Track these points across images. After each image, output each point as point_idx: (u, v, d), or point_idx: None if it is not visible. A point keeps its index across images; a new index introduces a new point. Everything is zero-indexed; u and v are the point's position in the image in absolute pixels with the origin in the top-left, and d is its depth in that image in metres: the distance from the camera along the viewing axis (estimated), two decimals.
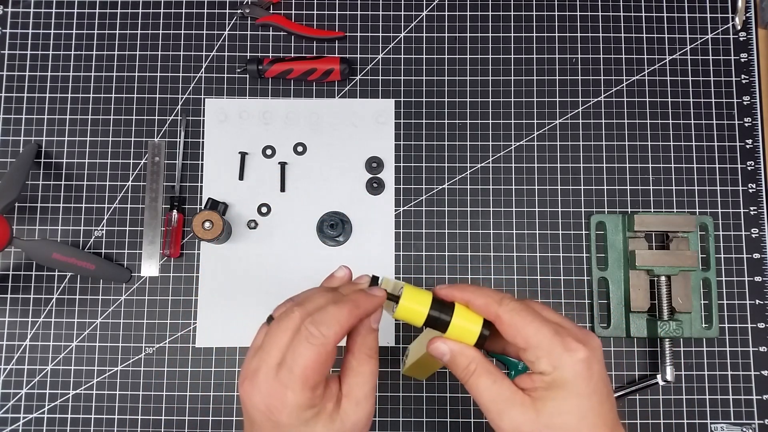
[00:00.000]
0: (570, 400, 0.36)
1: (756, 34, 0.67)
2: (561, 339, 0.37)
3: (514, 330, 0.38)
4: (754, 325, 0.62)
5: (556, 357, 0.37)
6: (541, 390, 0.37)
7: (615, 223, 0.63)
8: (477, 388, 0.39)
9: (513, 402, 0.37)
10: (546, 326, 0.38)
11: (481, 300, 0.40)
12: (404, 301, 0.40)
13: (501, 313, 0.39)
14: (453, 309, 0.40)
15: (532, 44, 0.67)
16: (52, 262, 0.60)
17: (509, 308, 0.39)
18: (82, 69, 0.67)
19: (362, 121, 0.66)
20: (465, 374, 0.39)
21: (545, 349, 0.37)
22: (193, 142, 0.66)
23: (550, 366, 0.37)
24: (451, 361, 0.40)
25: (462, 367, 0.39)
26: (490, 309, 0.39)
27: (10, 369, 0.62)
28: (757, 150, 0.65)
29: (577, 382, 0.36)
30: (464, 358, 0.39)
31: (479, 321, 0.40)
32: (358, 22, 0.67)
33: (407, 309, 0.40)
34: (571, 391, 0.36)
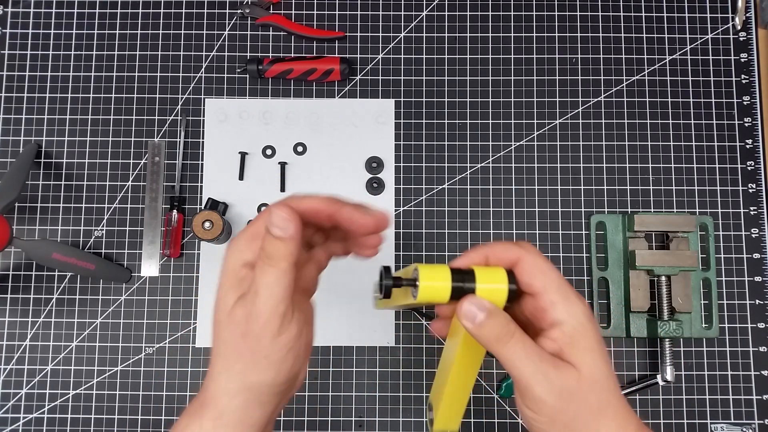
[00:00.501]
0: (597, 348, 0.35)
1: (756, 34, 0.67)
2: (573, 290, 0.36)
3: (536, 272, 0.36)
4: (754, 325, 0.62)
5: (571, 304, 0.36)
6: (567, 347, 0.35)
7: (615, 223, 0.63)
8: (522, 350, 0.35)
9: (557, 364, 0.35)
10: (561, 276, 0.37)
11: (499, 248, 0.38)
12: (423, 280, 0.37)
13: (524, 255, 0.37)
14: (474, 274, 0.37)
15: (532, 44, 0.67)
16: (52, 262, 0.60)
17: (531, 250, 0.37)
18: (82, 69, 0.67)
19: (362, 121, 0.66)
20: (504, 334, 0.35)
21: (562, 294, 0.36)
22: (193, 142, 0.66)
23: (566, 312, 0.35)
24: (487, 322, 0.35)
25: (501, 326, 0.35)
26: (512, 252, 0.37)
27: (10, 369, 0.62)
28: (757, 150, 0.65)
29: (592, 329, 0.36)
30: (503, 318, 0.36)
31: (504, 277, 0.37)
32: (358, 22, 0.67)
33: (428, 288, 0.37)
34: (593, 339, 0.35)
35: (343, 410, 0.61)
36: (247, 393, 0.36)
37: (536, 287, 0.36)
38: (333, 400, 0.61)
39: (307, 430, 0.61)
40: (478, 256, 0.38)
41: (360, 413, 0.61)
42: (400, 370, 0.62)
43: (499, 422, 0.61)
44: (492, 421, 0.61)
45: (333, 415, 0.61)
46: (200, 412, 0.36)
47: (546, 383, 0.34)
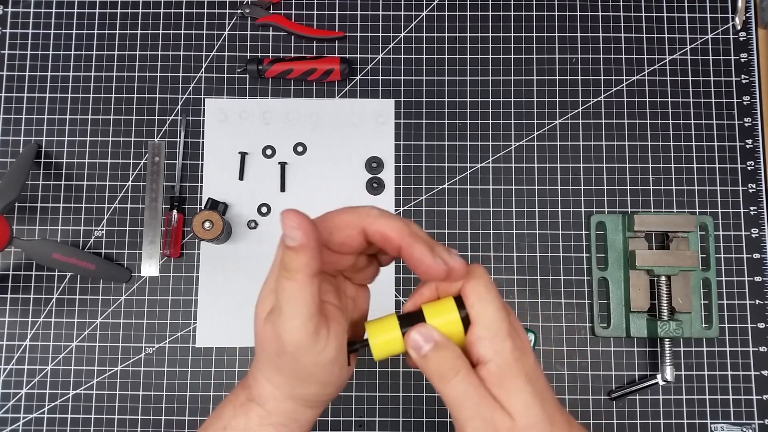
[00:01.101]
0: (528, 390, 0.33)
1: (756, 34, 0.67)
2: (508, 326, 0.34)
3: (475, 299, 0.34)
4: (754, 325, 0.62)
5: (498, 341, 0.33)
6: (497, 390, 0.33)
7: (615, 223, 0.63)
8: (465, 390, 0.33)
9: (495, 407, 0.33)
10: (503, 310, 0.34)
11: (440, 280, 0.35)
12: (372, 338, 0.35)
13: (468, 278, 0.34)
14: (422, 313, 0.35)
15: (532, 44, 0.67)
16: (52, 262, 0.60)
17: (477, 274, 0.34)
18: (82, 69, 0.67)
19: (362, 121, 0.66)
20: (449, 370, 0.33)
21: (493, 330, 0.33)
22: (193, 142, 0.66)
23: (492, 350, 0.33)
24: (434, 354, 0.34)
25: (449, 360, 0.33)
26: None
27: (10, 369, 0.62)
28: (757, 150, 0.65)
29: (520, 368, 0.33)
30: (451, 352, 0.34)
31: (452, 307, 0.35)
32: (358, 22, 0.67)
33: (380, 345, 0.35)
34: (518, 378, 0.33)
35: (343, 410, 0.61)
36: (295, 400, 0.35)
37: (472, 317, 0.34)
38: (333, 400, 0.61)
39: None
40: (427, 290, 0.36)
41: (360, 413, 0.61)
42: (400, 370, 0.62)
43: None
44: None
45: (333, 415, 0.61)
46: (246, 406, 0.36)
47: (482, 429, 0.33)
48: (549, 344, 0.62)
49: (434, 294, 0.36)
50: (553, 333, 0.62)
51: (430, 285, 0.36)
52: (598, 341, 0.62)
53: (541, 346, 0.62)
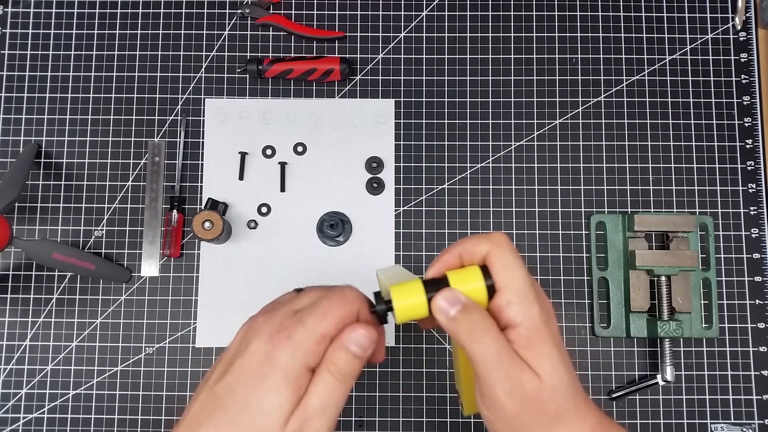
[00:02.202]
0: (555, 353, 0.35)
1: (756, 34, 0.67)
2: (535, 291, 0.35)
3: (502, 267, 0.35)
4: (754, 325, 0.62)
5: (527, 306, 0.34)
6: (523, 350, 0.34)
7: (615, 223, 0.63)
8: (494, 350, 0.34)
9: (522, 367, 0.34)
10: (529, 277, 0.35)
11: (468, 244, 0.36)
12: (396, 301, 0.35)
13: (493, 248, 0.35)
14: (447, 280, 0.36)
15: (532, 44, 0.67)
16: (52, 262, 0.60)
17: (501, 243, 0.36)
18: (82, 69, 0.67)
19: (362, 121, 0.66)
20: (479, 330, 0.34)
21: (521, 295, 0.35)
22: (193, 142, 0.66)
23: (521, 314, 0.34)
24: (462, 316, 0.34)
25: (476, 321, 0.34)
26: (481, 247, 0.36)
27: (10, 369, 0.62)
28: (757, 150, 0.65)
29: (548, 332, 0.35)
30: (479, 312, 0.35)
31: (478, 275, 0.36)
32: (358, 22, 0.67)
33: (404, 308, 0.35)
34: (547, 342, 0.35)
35: (344, 410, 0.61)
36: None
37: (499, 283, 0.35)
38: None
39: None
40: (451, 257, 0.37)
41: (360, 413, 0.61)
42: (400, 370, 0.62)
43: None
44: None
45: None
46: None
47: (510, 389, 0.34)
48: None
49: (458, 261, 0.37)
50: None
51: (454, 252, 0.37)
52: (598, 341, 0.62)
53: None
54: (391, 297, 0.36)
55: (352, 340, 0.34)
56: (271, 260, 0.64)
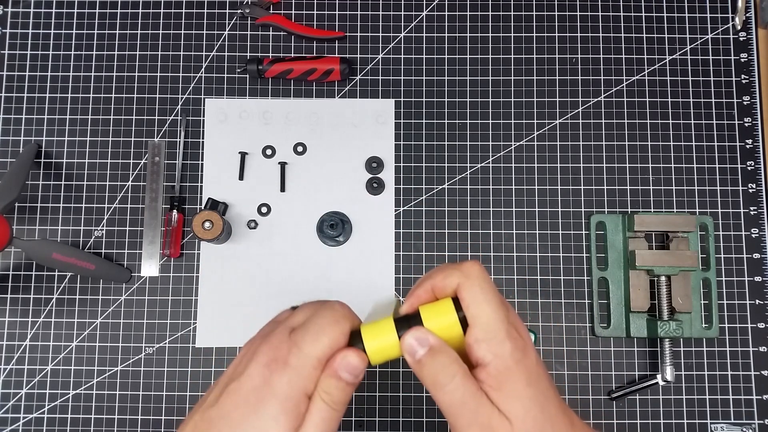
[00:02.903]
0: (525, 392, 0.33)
1: (756, 34, 0.67)
2: (506, 326, 0.33)
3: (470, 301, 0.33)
4: (754, 325, 0.62)
5: (496, 343, 0.33)
6: (491, 390, 0.33)
7: (615, 223, 0.63)
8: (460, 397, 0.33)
9: (492, 413, 0.33)
10: (500, 309, 0.33)
11: (439, 277, 0.35)
12: (367, 342, 0.34)
13: (463, 280, 0.34)
14: (419, 315, 0.34)
15: (532, 44, 0.67)
16: (52, 262, 0.60)
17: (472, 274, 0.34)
18: (82, 69, 0.67)
19: (362, 121, 0.66)
20: (446, 376, 0.33)
21: (491, 332, 0.33)
22: (193, 142, 0.66)
23: (490, 353, 0.33)
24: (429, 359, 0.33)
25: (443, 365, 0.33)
26: (452, 278, 0.34)
27: (10, 369, 0.62)
28: (757, 150, 0.65)
29: (520, 371, 0.33)
30: (446, 356, 0.33)
31: (450, 308, 0.34)
32: (358, 22, 0.67)
33: (377, 349, 0.34)
34: (518, 382, 0.33)
35: None
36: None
37: (468, 319, 0.33)
38: None
39: None
40: (423, 291, 0.35)
41: (360, 413, 0.61)
42: (400, 370, 0.62)
43: None
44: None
45: None
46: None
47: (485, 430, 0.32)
48: (549, 344, 0.62)
49: (431, 296, 0.36)
50: (553, 333, 0.62)
51: (425, 285, 0.35)
52: (598, 341, 0.62)
53: (541, 346, 0.62)
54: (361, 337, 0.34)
55: (344, 368, 0.33)
56: (271, 260, 0.64)
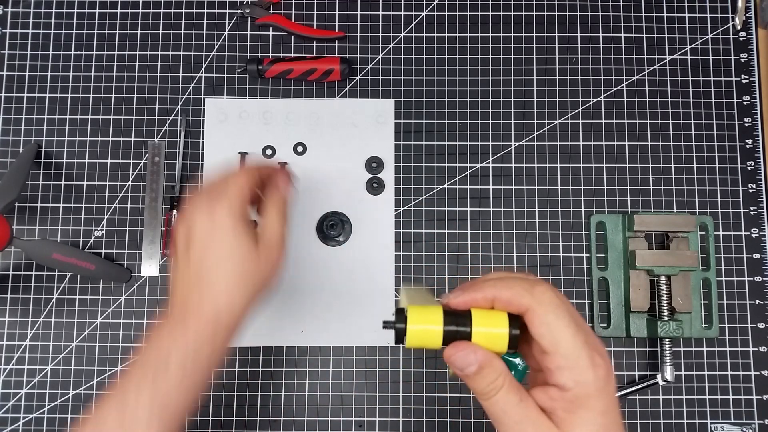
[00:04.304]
0: (596, 421, 0.33)
1: (756, 34, 0.67)
2: (588, 352, 0.33)
3: (545, 329, 0.33)
4: (754, 325, 0.62)
5: (579, 372, 0.32)
6: (562, 411, 0.33)
7: (615, 223, 0.63)
8: (503, 408, 0.33)
9: (540, 426, 0.33)
10: (579, 334, 0.33)
11: (506, 293, 0.34)
12: (411, 324, 0.34)
13: (535, 306, 0.33)
14: (470, 317, 0.34)
15: (532, 44, 0.67)
16: (52, 262, 0.60)
17: (544, 301, 0.33)
18: (82, 69, 0.67)
19: (362, 121, 0.66)
20: (491, 389, 0.34)
21: (572, 359, 0.32)
22: (193, 142, 0.66)
23: (572, 380, 0.33)
24: (475, 375, 0.34)
25: (489, 381, 0.34)
26: (522, 300, 0.34)
27: (10, 369, 0.62)
28: (757, 150, 0.65)
29: (600, 399, 0.33)
30: (492, 372, 0.34)
31: (504, 321, 0.34)
32: (358, 22, 0.67)
33: (417, 333, 0.34)
34: (595, 410, 0.33)
35: (343, 410, 0.61)
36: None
37: (544, 346, 0.33)
38: (333, 400, 0.61)
39: (307, 430, 0.61)
40: (483, 298, 0.35)
41: (360, 413, 0.61)
42: (400, 370, 0.62)
43: None
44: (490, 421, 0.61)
45: (333, 415, 0.61)
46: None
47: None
48: None
49: (488, 304, 0.35)
50: None
51: (487, 293, 0.35)
52: None
53: None
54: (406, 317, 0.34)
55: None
56: None
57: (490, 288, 0.35)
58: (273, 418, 0.61)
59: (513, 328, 0.34)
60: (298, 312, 0.63)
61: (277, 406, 0.61)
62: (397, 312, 0.35)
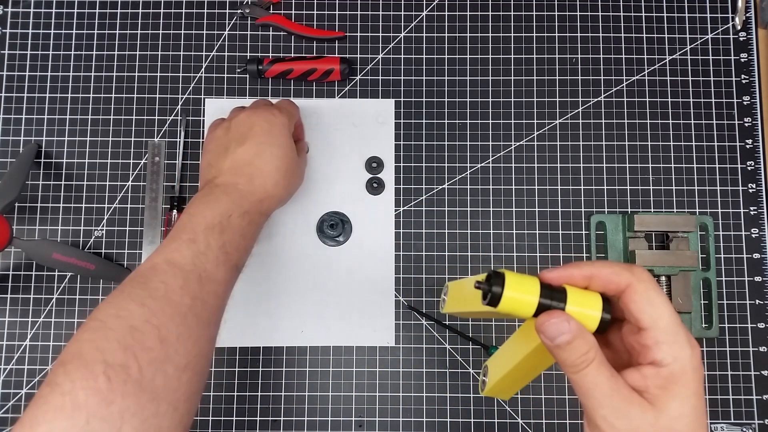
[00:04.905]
0: (690, 400, 0.33)
1: (756, 34, 0.67)
2: (685, 331, 0.33)
3: (646, 304, 0.33)
4: (754, 325, 0.62)
5: (678, 347, 0.32)
6: (657, 389, 0.33)
7: (615, 223, 0.63)
8: (594, 380, 0.33)
9: (631, 400, 0.33)
10: (676, 314, 0.33)
11: (606, 270, 0.34)
12: (509, 291, 0.34)
13: (635, 283, 0.33)
14: (565, 294, 0.34)
15: (532, 44, 0.67)
16: (52, 262, 0.60)
17: (644, 278, 0.34)
18: (82, 69, 0.67)
19: (362, 121, 0.66)
20: (582, 362, 0.33)
21: (671, 335, 0.33)
22: (193, 142, 0.66)
23: (670, 356, 0.32)
24: (567, 346, 0.33)
25: (581, 353, 0.33)
26: (621, 277, 0.34)
27: (10, 369, 0.62)
28: (757, 150, 0.65)
29: (694, 379, 0.33)
30: (584, 344, 0.33)
31: (598, 304, 0.34)
32: (358, 22, 0.67)
33: (512, 300, 0.34)
34: (689, 389, 0.33)
35: (343, 410, 0.61)
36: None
37: (644, 321, 0.33)
38: (333, 400, 0.61)
39: (307, 430, 0.61)
40: (579, 275, 0.35)
41: (360, 413, 0.61)
42: (400, 370, 0.62)
43: (499, 422, 0.61)
44: (492, 421, 0.61)
45: (333, 415, 0.61)
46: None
47: (611, 417, 0.33)
48: None
49: (584, 282, 0.35)
50: None
51: (584, 271, 0.35)
52: None
53: None
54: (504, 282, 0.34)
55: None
56: (271, 260, 0.64)
57: (588, 266, 0.35)
58: (273, 418, 0.61)
59: (605, 311, 0.34)
60: (298, 312, 0.63)
61: (277, 406, 0.61)
62: (495, 275, 0.35)
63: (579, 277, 0.35)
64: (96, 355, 0.38)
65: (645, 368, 0.33)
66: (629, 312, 0.34)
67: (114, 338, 0.39)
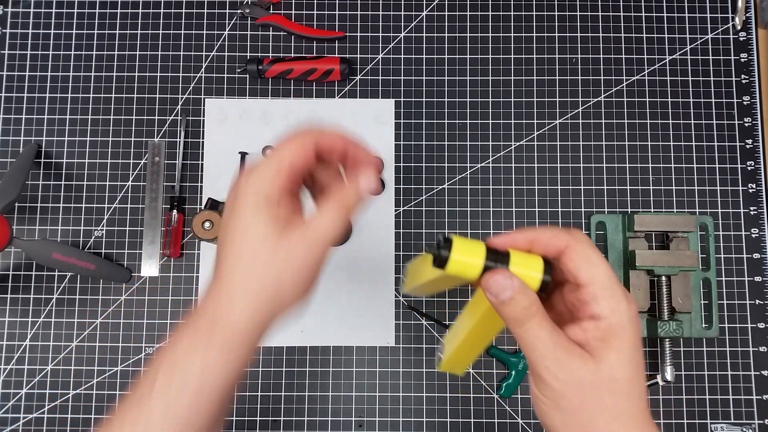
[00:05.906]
0: (628, 350, 0.34)
1: (756, 34, 0.67)
2: (621, 286, 0.35)
3: (584, 262, 0.35)
4: (754, 325, 0.62)
5: (615, 302, 0.34)
6: (596, 341, 0.34)
7: (615, 223, 0.63)
8: (536, 334, 0.34)
9: (572, 352, 0.34)
10: (611, 269, 0.35)
11: (546, 234, 0.36)
12: (456, 254, 0.36)
13: (573, 244, 0.35)
14: (509, 257, 0.36)
15: (532, 44, 0.67)
16: (52, 262, 0.60)
17: (581, 239, 0.35)
18: (82, 69, 0.67)
19: (362, 121, 0.66)
20: (525, 316, 0.35)
21: (608, 290, 0.34)
22: (193, 142, 0.66)
23: (608, 309, 0.34)
24: (510, 301, 0.35)
25: (522, 306, 0.34)
26: (560, 240, 0.36)
27: (10, 369, 0.62)
28: (757, 150, 0.65)
29: (631, 331, 0.34)
30: (526, 298, 0.35)
31: (539, 266, 0.36)
32: (358, 22, 0.67)
33: (459, 263, 0.36)
34: (627, 340, 0.34)
35: (343, 410, 0.61)
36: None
37: (582, 278, 0.35)
38: (333, 400, 0.61)
39: (307, 430, 0.61)
40: (522, 238, 0.37)
41: (360, 413, 0.61)
42: (400, 370, 0.62)
43: (499, 422, 0.61)
44: (492, 421, 0.61)
45: (333, 415, 0.61)
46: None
47: (554, 368, 0.34)
48: None
49: (526, 246, 0.37)
50: None
51: (526, 235, 0.37)
52: None
53: None
54: (452, 246, 0.36)
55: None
56: None
57: (531, 231, 0.37)
58: (273, 418, 0.61)
59: (547, 273, 0.36)
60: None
61: (277, 406, 0.61)
62: (445, 240, 0.36)
63: (522, 241, 0.37)
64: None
65: (585, 322, 0.35)
66: (568, 270, 0.35)
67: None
